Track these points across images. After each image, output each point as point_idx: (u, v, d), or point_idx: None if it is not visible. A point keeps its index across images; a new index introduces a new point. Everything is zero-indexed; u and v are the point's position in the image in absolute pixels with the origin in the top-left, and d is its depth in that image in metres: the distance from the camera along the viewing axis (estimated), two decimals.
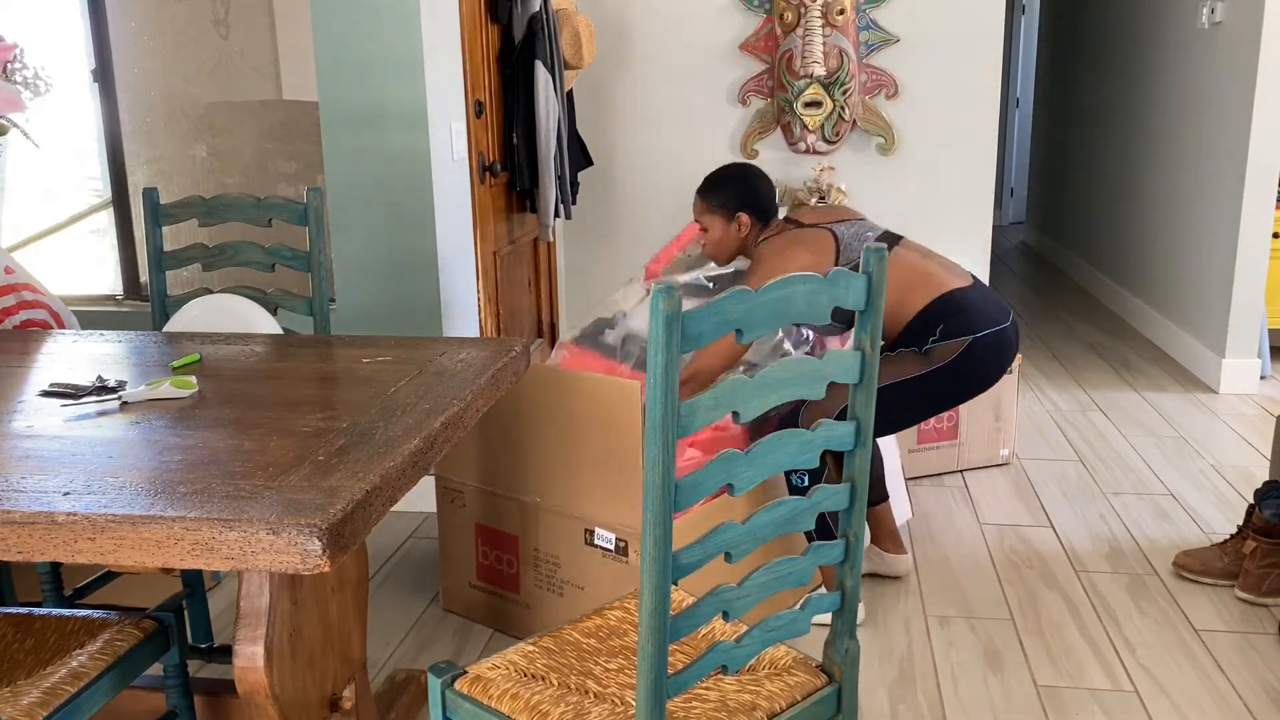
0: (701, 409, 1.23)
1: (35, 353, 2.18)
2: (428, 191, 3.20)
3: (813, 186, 4.63)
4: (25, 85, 2.35)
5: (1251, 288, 4.42)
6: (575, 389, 2.42)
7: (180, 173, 4.44)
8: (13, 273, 2.74)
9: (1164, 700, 2.32)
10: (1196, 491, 3.48)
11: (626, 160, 4.86)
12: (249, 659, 1.56)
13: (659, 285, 1.16)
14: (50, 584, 2.25)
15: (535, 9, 3.79)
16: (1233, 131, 4.45)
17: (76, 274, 4.66)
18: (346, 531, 1.33)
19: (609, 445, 2.37)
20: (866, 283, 1.37)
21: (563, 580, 2.52)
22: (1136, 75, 5.83)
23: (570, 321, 5.05)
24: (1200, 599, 2.76)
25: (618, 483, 2.37)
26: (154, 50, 4.33)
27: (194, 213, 2.76)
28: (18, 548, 1.36)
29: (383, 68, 3.12)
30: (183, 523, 1.32)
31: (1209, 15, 4.71)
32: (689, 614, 1.31)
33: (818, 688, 1.53)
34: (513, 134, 3.87)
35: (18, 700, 1.52)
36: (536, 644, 1.63)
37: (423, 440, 1.60)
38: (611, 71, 4.76)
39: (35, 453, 1.58)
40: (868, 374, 1.41)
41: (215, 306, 2.67)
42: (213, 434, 1.65)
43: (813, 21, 4.46)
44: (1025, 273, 7.39)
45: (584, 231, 4.95)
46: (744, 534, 1.33)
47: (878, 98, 4.64)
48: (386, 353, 2.09)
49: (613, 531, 2.40)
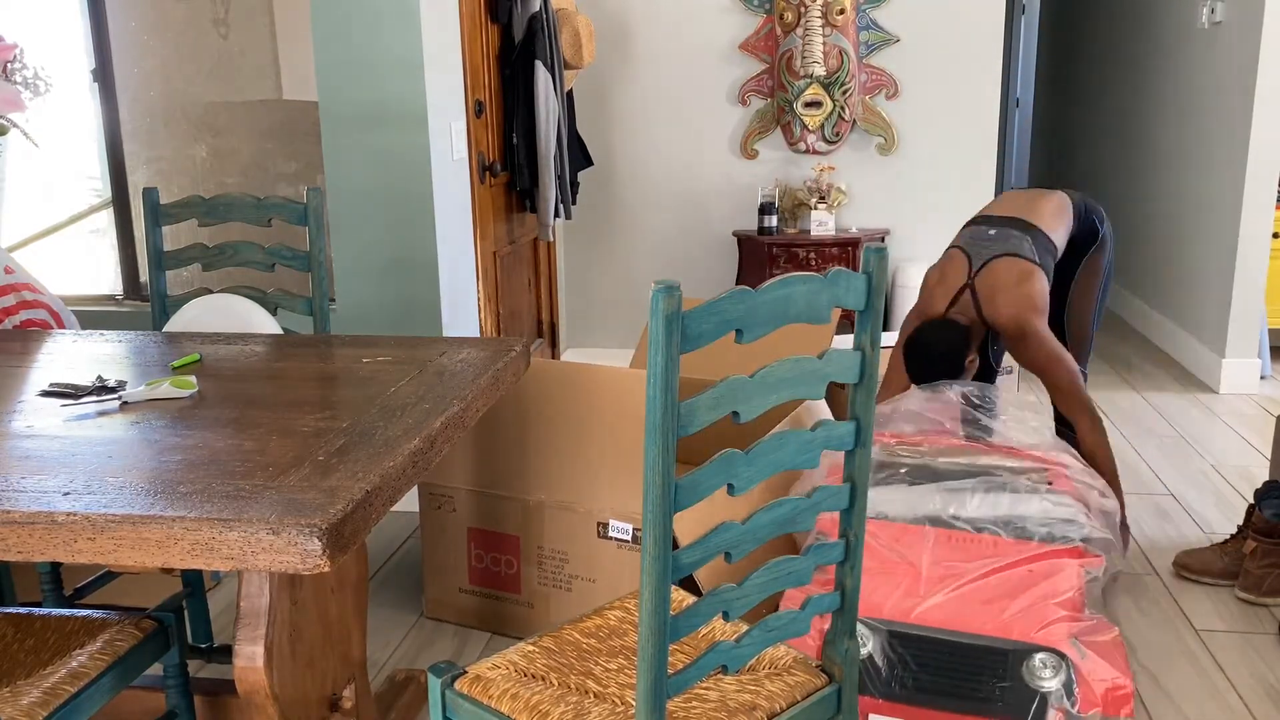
0: (701, 409, 1.23)
1: (35, 353, 2.18)
2: (428, 191, 3.20)
3: (812, 186, 4.63)
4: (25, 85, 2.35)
5: (1251, 288, 4.42)
6: (579, 382, 2.42)
7: (180, 173, 4.44)
8: (13, 273, 2.74)
9: (1164, 700, 2.32)
10: (1196, 491, 3.47)
11: (626, 160, 4.86)
12: (249, 659, 1.56)
13: (659, 285, 1.16)
14: (50, 584, 2.25)
15: (535, 9, 3.79)
16: (1233, 131, 4.45)
17: (76, 274, 4.66)
18: (346, 531, 1.33)
19: (620, 436, 2.37)
20: (866, 283, 1.37)
21: (571, 575, 2.52)
22: (1136, 75, 5.83)
23: (570, 321, 5.05)
24: (1200, 599, 2.76)
25: (632, 472, 2.36)
26: (154, 50, 4.33)
27: (194, 213, 2.76)
28: (18, 548, 1.36)
29: (383, 68, 3.12)
30: (183, 523, 1.32)
31: (1209, 15, 4.71)
32: (689, 614, 1.31)
33: (818, 688, 1.53)
34: (513, 134, 3.87)
35: (18, 700, 1.52)
36: (536, 644, 1.63)
37: (423, 440, 1.60)
38: (611, 71, 4.76)
39: (35, 453, 1.58)
40: (868, 374, 1.41)
41: (215, 306, 2.67)
42: (213, 434, 1.65)
43: (813, 21, 4.46)
44: None
45: (584, 231, 4.95)
46: (744, 534, 1.33)
47: (878, 98, 4.64)
48: (386, 353, 2.09)
49: (629, 522, 2.40)
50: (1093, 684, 1.96)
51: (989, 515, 2.28)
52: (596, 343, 5.07)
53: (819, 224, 4.58)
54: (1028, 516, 2.27)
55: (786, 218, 4.70)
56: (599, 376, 2.49)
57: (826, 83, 4.52)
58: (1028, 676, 1.98)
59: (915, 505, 2.31)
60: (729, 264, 4.86)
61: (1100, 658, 1.99)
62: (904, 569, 2.16)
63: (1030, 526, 2.24)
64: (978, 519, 2.26)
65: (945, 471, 2.44)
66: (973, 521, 2.26)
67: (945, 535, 2.23)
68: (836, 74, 4.50)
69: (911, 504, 2.31)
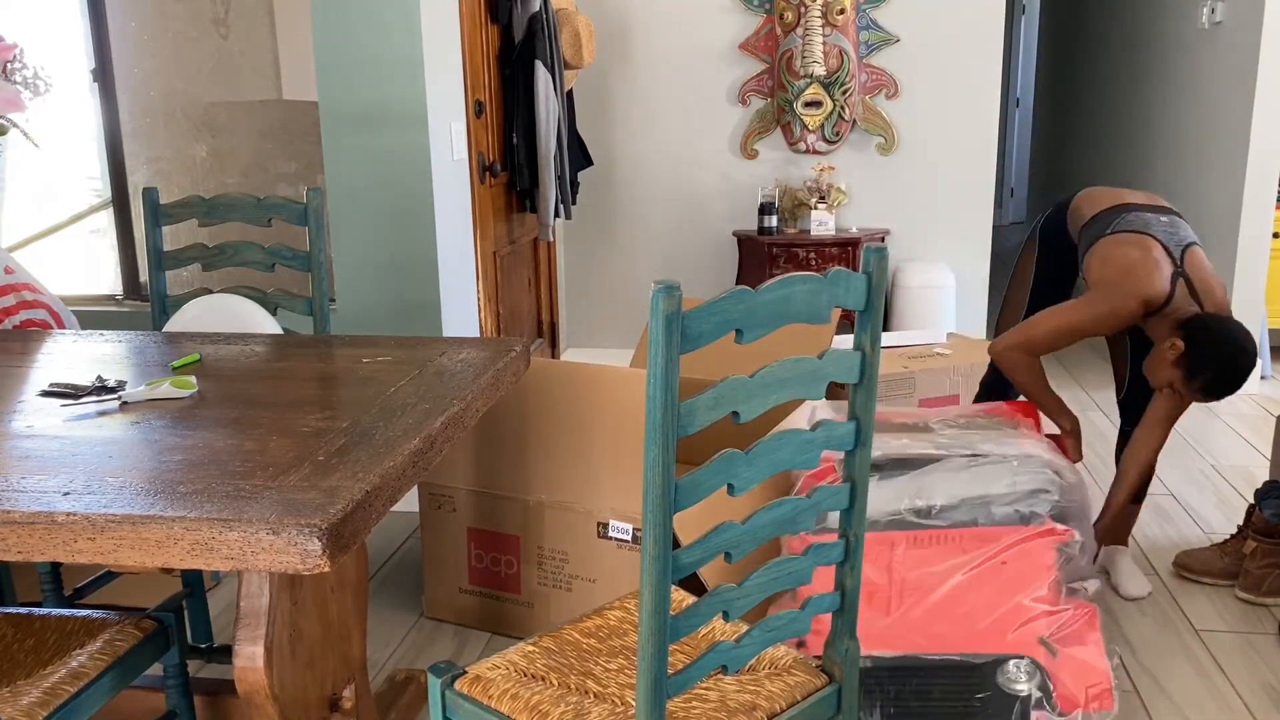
0: (701, 409, 1.22)
1: (35, 353, 2.18)
2: (428, 191, 3.20)
3: (813, 186, 4.63)
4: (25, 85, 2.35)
5: (1251, 288, 4.42)
6: (580, 382, 2.42)
7: (180, 173, 4.45)
8: (13, 273, 2.74)
9: (1164, 700, 2.32)
10: (1196, 491, 3.47)
11: (626, 160, 4.86)
12: (249, 659, 1.56)
13: (659, 285, 1.16)
14: (50, 584, 2.24)
15: (535, 9, 3.79)
16: (1233, 131, 4.45)
17: (76, 274, 4.66)
18: (346, 531, 1.33)
19: (620, 436, 2.37)
20: (866, 283, 1.37)
21: (571, 575, 2.52)
22: (1136, 75, 5.83)
23: (570, 321, 5.05)
24: (1200, 599, 2.76)
25: (632, 472, 2.36)
26: (154, 50, 4.33)
27: (194, 213, 2.76)
28: (18, 548, 1.36)
29: (383, 68, 3.12)
30: (183, 523, 1.32)
31: (1209, 15, 4.71)
32: (689, 614, 1.31)
33: (818, 688, 1.53)
34: (513, 134, 3.87)
35: (18, 700, 1.52)
36: (536, 644, 1.63)
37: (423, 440, 1.60)
38: (611, 71, 4.76)
39: (35, 453, 1.58)
40: (868, 374, 1.41)
41: (215, 306, 2.67)
42: (213, 434, 1.64)
43: (813, 21, 4.46)
44: None
45: (584, 231, 4.95)
46: (744, 534, 1.33)
47: (878, 98, 4.64)
48: (386, 353, 2.09)
49: (629, 522, 2.40)
50: (1069, 683, 1.96)
51: (957, 499, 2.26)
52: (596, 343, 5.07)
53: (819, 224, 4.58)
54: (994, 496, 2.25)
55: (786, 218, 4.70)
56: (599, 376, 2.49)
57: (826, 83, 4.52)
58: (1004, 684, 1.99)
59: (885, 503, 2.29)
60: (729, 264, 4.86)
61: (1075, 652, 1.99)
62: (873, 586, 2.16)
63: (996, 508, 2.23)
64: (946, 507, 2.25)
65: (913, 459, 2.39)
66: (942, 512, 2.24)
67: (912, 539, 2.21)
68: (836, 74, 4.50)
69: (882, 501, 2.29)
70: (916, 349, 3.68)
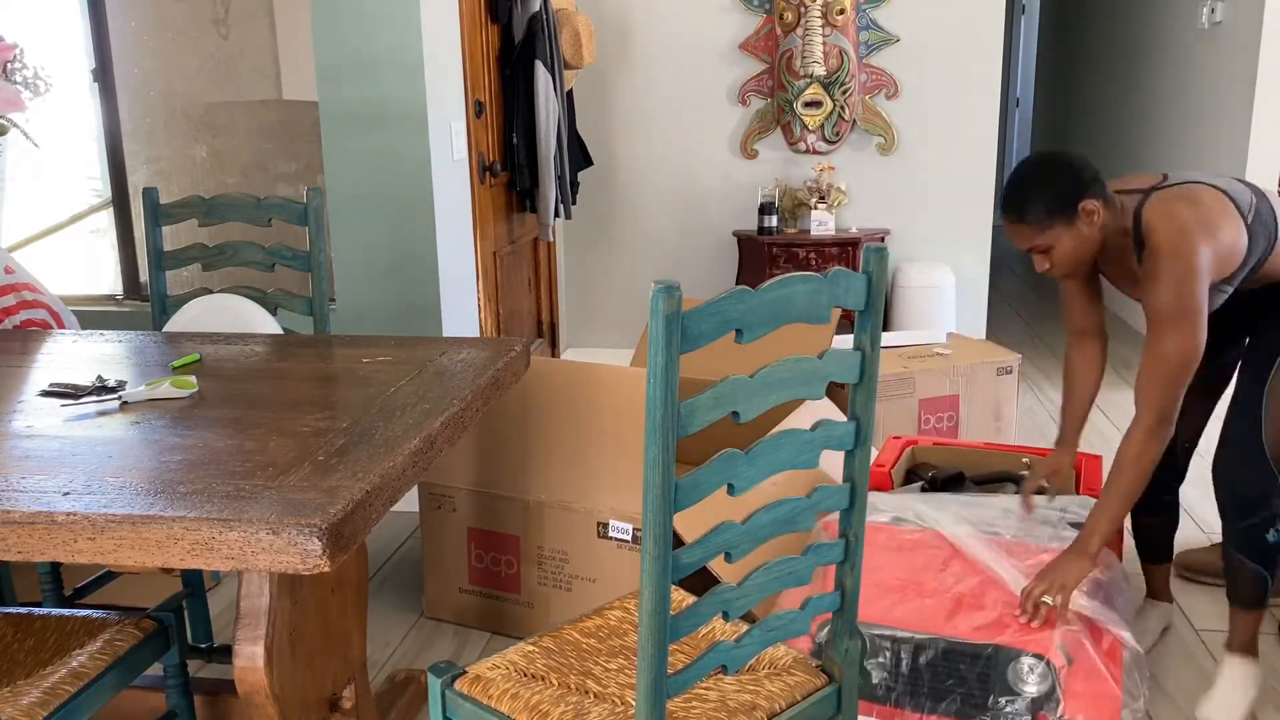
0: (701, 409, 1.22)
1: (35, 353, 2.18)
2: (428, 192, 3.20)
3: (812, 186, 4.63)
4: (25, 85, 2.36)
5: None
6: (580, 382, 2.42)
7: (180, 173, 4.45)
8: (13, 272, 2.74)
9: (1164, 700, 2.32)
10: (1197, 491, 3.47)
11: (626, 160, 4.86)
12: (249, 659, 1.56)
13: (659, 285, 1.16)
14: (50, 584, 2.25)
15: (535, 9, 3.79)
16: (1233, 131, 4.45)
17: (76, 274, 4.66)
18: (346, 531, 1.33)
19: (620, 436, 2.36)
20: (866, 283, 1.37)
21: (571, 575, 2.52)
22: (1137, 75, 5.83)
23: (570, 321, 5.05)
24: (1200, 599, 2.76)
25: (632, 472, 2.36)
26: (154, 50, 4.34)
27: (194, 213, 2.75)
28: (18, 548, 1.36)
29: (383, 68, 3.12)
30: (183, 523, 1.32)
31: (1209, 15, 4.71)
32: (689, 614, 1.31)
33: (818, 688, 1.53)
34: (513, 134, 3.87)
35: (18, 700, 1.52)
36: (536, 644, 1.63)
37: (423, 440, 1.60)
38: (611, 71, 4.76)
39: (35, 453, 1.58)
40: (868, 374, 1.41)
41: (215, 306, 2.67)
42: (213, 434, 1.64)
43: (813, 21, 4.46)
44: (1025, 273, 7.39)
45: (584, 231, 4.95)
46: (744, 534, 1.33)
47: (878, 98, 4.64)
48: (386, 353, 2.09)
49: (629, 522, 2.40)
50: (1077, 694, 1.96)
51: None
52: (596, 343, 5.07)
53: (819, 224, 4.58)
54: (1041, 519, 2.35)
55: (786, 218, 4.70)
56: (599, 376, 2.49)
57: (826, 83, 4.52)
58: (1012, 680, 2.00)
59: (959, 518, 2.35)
60: (729, 264, 4.86)
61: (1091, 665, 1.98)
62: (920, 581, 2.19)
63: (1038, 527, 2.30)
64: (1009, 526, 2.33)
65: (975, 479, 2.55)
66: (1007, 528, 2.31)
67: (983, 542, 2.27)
68: (836, 74, 4.50)
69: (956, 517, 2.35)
70: (916, 349, 3.68)
